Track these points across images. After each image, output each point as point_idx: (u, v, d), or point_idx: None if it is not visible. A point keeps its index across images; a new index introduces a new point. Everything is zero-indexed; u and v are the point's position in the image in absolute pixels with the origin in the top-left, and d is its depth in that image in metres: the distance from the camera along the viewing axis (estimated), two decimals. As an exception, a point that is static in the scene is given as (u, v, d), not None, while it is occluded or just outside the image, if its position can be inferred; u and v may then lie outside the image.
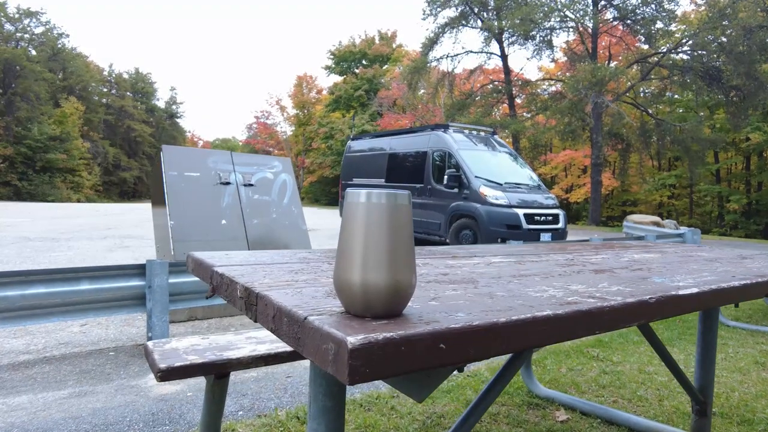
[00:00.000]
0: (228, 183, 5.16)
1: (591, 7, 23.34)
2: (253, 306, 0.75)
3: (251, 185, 5.29)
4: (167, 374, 1.44)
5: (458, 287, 0.86)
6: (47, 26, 42.44)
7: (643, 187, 32.55)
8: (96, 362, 3.30)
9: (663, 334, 4.15)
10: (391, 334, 0.52)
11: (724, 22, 19.29)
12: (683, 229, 21.45)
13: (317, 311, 0.63)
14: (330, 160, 39.96)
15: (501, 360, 3.23)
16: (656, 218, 19.03)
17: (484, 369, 3.15)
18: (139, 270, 3.75)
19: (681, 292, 0.92)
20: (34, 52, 40.51)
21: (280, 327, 0.66)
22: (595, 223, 23.08)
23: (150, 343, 1.66)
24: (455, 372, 2.86)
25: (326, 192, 43.39)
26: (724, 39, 19.90)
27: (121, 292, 3.68)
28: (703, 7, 22.31)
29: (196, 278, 3.86)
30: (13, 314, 3.29)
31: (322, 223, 17.08)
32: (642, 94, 27.37)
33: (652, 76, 24.08)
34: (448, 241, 9.98)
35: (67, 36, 61.69)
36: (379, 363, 0.51)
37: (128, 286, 3.68)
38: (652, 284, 1.01)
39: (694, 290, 0.96)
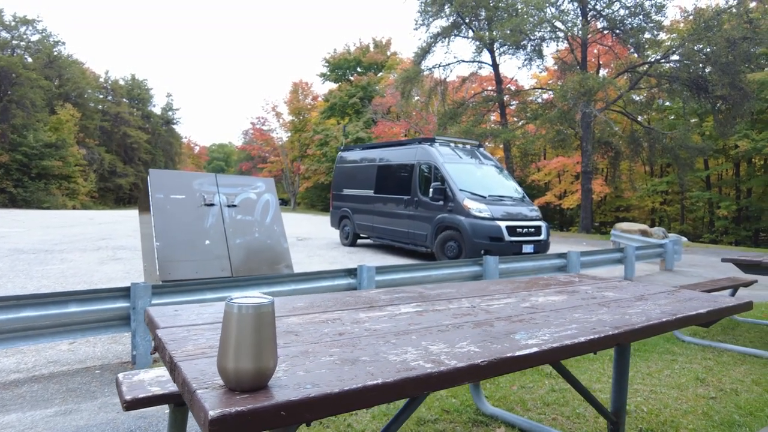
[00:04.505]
0: (212, 204, 5.42)
1: (580, 18, 23.75)
2: (173, 371, 1.01)
3: (234, 206, 5.55)
4: (132, 405, 1.69)
5: (336, 351, 1.12)
6: (43, 34, 42.72)
7: (635, 193, 32.96)
8: (82, 380, 3.54)
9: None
10: (242, 408, 0.78)
11: (709, 34, 19.67)
12: (672, 236, 21.77)
13: (206, 384, 0.88)
14: (325, 166, 40.28)
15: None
16: (644, 226, 19.34)
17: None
18: (124, 293, 4.00)
19: (518, 353, 1.18)
20: (30, 60, 40.75)
21: (184, 392, 0.92)
22: (585, 231, 23.38)
23: (120, 375, 1.91)
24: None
25: (322, 198, 43.74)
26: (710, 49, 20.29)
27: (107, 314, 3.93)
28: (690, 17, 22.71)
29: (177, 299, 4.12)
30: (4, 336, 3.54)
31: (315, 231, 17.32)
32: (633, 102, 27.75)
33: (642, 85, 24.47)
34: (433, 251, 10.26)
35: (63, 43, 61.93)
36: (232, 428, 0.77)
37: (114, 308, 3.93)
38: (508, 342, 1.27)
39: (534, 350, 1.22)
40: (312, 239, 14.61)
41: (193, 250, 5.10)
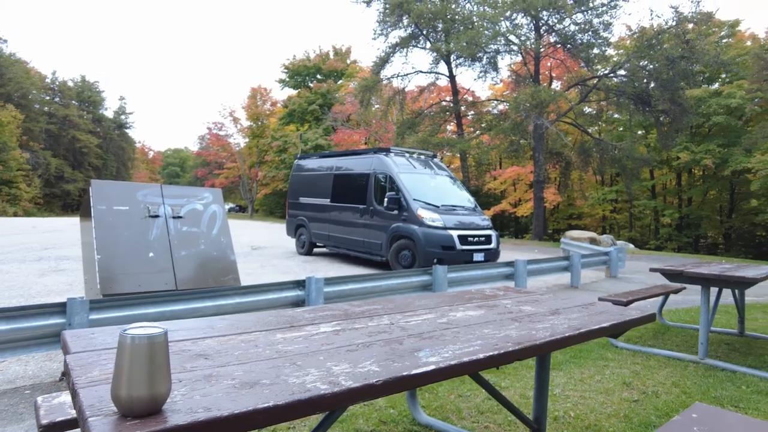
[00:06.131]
0: (157, 216, 5.33)
1: (533, 33, 24.61)
2: (74, 398, 1.04)
3: (180, 217, 5.47)
4: (48, 429, 1.68)
5: (240, 375, 1.18)
6: (-16, 31, 40.67)
7: (586, 202, 34.24)
8: (9, 402, 3.42)
9: (555, 357, 4.61)
10: (128, 435, 0.83)
11: (651, 52, 20.79)
12: (620, 243, 22.56)
13: (100, 412, 0.93)
14: (283, 173, 39.92)
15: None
16: (593, 234, 20.19)
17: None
18: (60, 308, 3.88)
19: (414, 371, 1.27)
20: (-32, 58, 38.68)
21: (80, 418, 0.95)
22: (538, 238, 24.11)
23: (40, 399, 1.88)
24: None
25: (281, 205, 43.27)
26: (652, 66, 21.46)
27: (41, 331, 3.79)
28: (635, 35, 23.92)
29: (117, 314, 4.04)
30: (-74, 356, 3.37)
31: (271, 240, 17.14)
32: (583, 114, 28.90)
33: (591, 98, 25.54)
34: (387, 260, 10.37)
35: (5, 41, 59.12)
36: (116, 456, 0.81)
37: (48, 324, 3.80)
38: (410, 360, 1.36)
39: (432, 368, 1.31)
40: (267, 248, 14.46)
41: (136, 263, 5.00)
